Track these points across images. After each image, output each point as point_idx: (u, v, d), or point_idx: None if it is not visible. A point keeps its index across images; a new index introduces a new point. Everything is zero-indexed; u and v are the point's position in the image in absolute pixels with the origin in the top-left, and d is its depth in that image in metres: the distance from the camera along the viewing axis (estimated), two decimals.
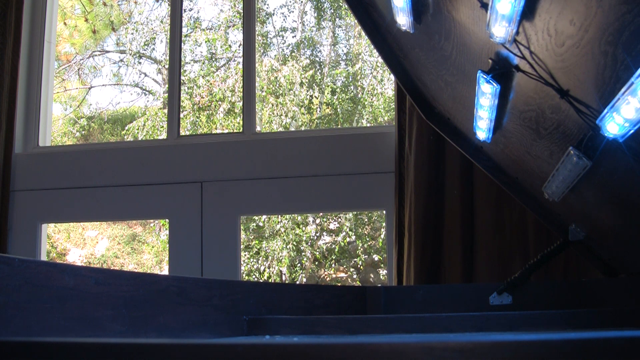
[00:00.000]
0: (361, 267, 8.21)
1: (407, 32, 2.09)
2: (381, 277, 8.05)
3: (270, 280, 7.61)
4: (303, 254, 8.02)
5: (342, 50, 8.85)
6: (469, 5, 1.67)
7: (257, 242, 7.88)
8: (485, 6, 1.53)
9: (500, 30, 1.52)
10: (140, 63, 8.89)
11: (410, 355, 0.69)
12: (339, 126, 7.97)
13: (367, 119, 7.99)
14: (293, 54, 8.35)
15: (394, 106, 4.28)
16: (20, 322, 1.24)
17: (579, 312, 2.01)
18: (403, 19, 2.02)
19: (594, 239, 2.29)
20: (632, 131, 1.35)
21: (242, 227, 5.64)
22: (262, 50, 8.24)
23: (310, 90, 8.18)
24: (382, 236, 7.99)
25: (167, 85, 5.64)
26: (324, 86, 8.29)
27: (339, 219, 8.19)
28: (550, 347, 0.70)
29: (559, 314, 1.95)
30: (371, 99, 8.06)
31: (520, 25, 1.48)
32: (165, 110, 7.19)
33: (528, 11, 1.41)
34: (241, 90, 4.94)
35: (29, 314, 1.26)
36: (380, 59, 7.19)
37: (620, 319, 1.88)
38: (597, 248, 2.37)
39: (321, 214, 8.05)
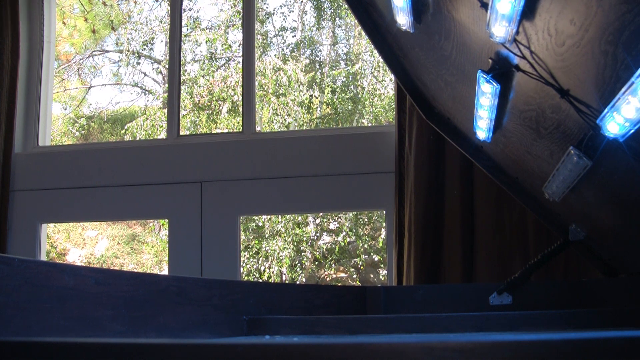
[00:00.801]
0: (361, 267, 8.21)
1: (407, 31, 2.09)
2: (381, 277, 8.05)
3: (270, 281, 7.62)
4: (303, 254, 8.02)
5: (342, 50, 8.86)
6: (469, 5, 1.67)
7: (256, 242, 7.88)
8: (485, 6, 1.53)
9: (500, 30, 1.52)
10: (139, 63, 8.89)
11: (410, 355, 0.69)
12: (339, 126, 7.97)
13: (368, 118, 8.00)
14: (293, 53, 8.35)
15: (394, 106, 4.28)
16: (20, 322, 1.24)
17: (579, 312, 2.01)
18: (403, 19, 2.02)
19: (594, 239, 2.29)
20: (632, 131, 1.35)
21: (241, 227, 5.64)
22: (262, 50, 8.25)
23: (310, 90, 8.18)
24: (382, 236, 7.99)
25: (166, 85, 5.64)
26: (324, 86, 8.29)
27: (339, 219, 8.19)
28: (550, 347, 0.70)
29: (559, 314, 1.95)
30: (372, 99, 8.06)
31: (520, 25, 1.48)
32: (165, 110, 7.19)
33: (528, 11, 1.41)
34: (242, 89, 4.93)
35: (29, 314, 1.26)
36: (380, 59, 7.19)
37: (620, 319, 1.88)
38: (597, 248, 2.37)
39: (321, 214, 8.05)
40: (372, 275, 8.11)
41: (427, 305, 2.45)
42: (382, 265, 8.09)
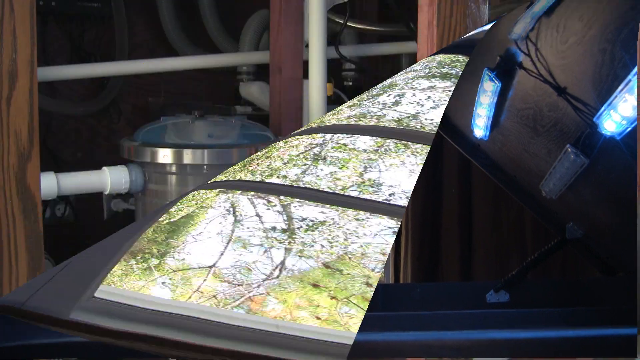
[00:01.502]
0: None
1: None
2: None
3: None
4: None
5: None
6: None
7: None
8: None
9: (519, 27, 1.52)
10: None
11: (408, 352, 0.69)
12: None
13: None
14: None
15: None
16: (20, 322, 1.23)
17: (577, 310, 2.01)
18: None
19: (591, 237, 2.28)
20: (629, 129, 1.35)
21: None
22: None
23: None
24: None
25: None
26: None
27: None
28: (547, 344, 0.70)
29: (556, 312, 1.95)
30: None
31: (538, 22, 1.48)
32: None
33: (554, 6, 1.41)
34: None
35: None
36: None
37: (618, 317, 1.88)
38: (595, 246, 2.37)
39: None
40: None
41: (424, 303, 2.44)
42: None
